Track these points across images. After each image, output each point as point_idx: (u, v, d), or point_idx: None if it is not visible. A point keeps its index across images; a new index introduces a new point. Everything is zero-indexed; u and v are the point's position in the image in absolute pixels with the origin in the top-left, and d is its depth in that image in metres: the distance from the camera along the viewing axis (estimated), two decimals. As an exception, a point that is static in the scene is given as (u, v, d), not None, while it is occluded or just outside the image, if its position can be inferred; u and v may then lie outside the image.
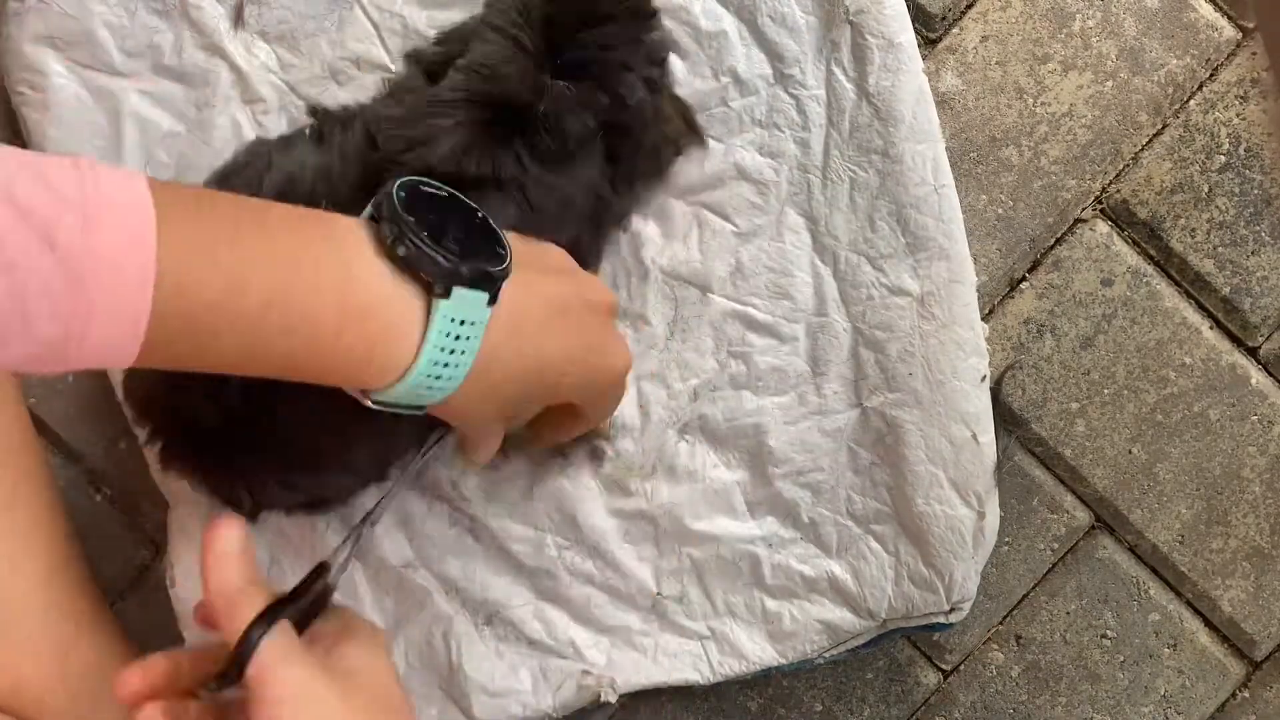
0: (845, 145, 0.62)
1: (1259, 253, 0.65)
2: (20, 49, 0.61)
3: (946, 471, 0.61)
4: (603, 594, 0.63)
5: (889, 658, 0.67)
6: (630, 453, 0.63)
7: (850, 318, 0.62)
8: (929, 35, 0.65)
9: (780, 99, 0.62)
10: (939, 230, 0.61)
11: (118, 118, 0.62)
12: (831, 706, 0.67)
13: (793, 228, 0.62)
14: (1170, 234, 0.65)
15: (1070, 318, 0.66)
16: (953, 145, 0.65)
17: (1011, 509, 0.66)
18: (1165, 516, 0.66)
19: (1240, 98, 0.65)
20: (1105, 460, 0.66)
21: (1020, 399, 0.66)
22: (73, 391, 0.66)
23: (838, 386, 0.62)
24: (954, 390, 0.61)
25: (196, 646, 0.46)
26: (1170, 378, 0.66)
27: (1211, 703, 0.67)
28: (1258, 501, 0.66)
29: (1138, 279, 0.66)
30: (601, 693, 0.62)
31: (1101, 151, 0.65)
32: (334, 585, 0.47)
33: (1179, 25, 0.65)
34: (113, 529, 0.66)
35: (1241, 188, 0.65)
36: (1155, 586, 0.67)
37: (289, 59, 0.62)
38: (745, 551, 0.63)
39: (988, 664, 0.67)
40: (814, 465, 0.62)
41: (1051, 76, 0.65)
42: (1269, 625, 0.66)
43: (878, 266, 0.62)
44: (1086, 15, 0.65)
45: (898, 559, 0.62)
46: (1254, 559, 0.66)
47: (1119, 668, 0.67)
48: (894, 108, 0.61)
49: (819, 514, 0.63)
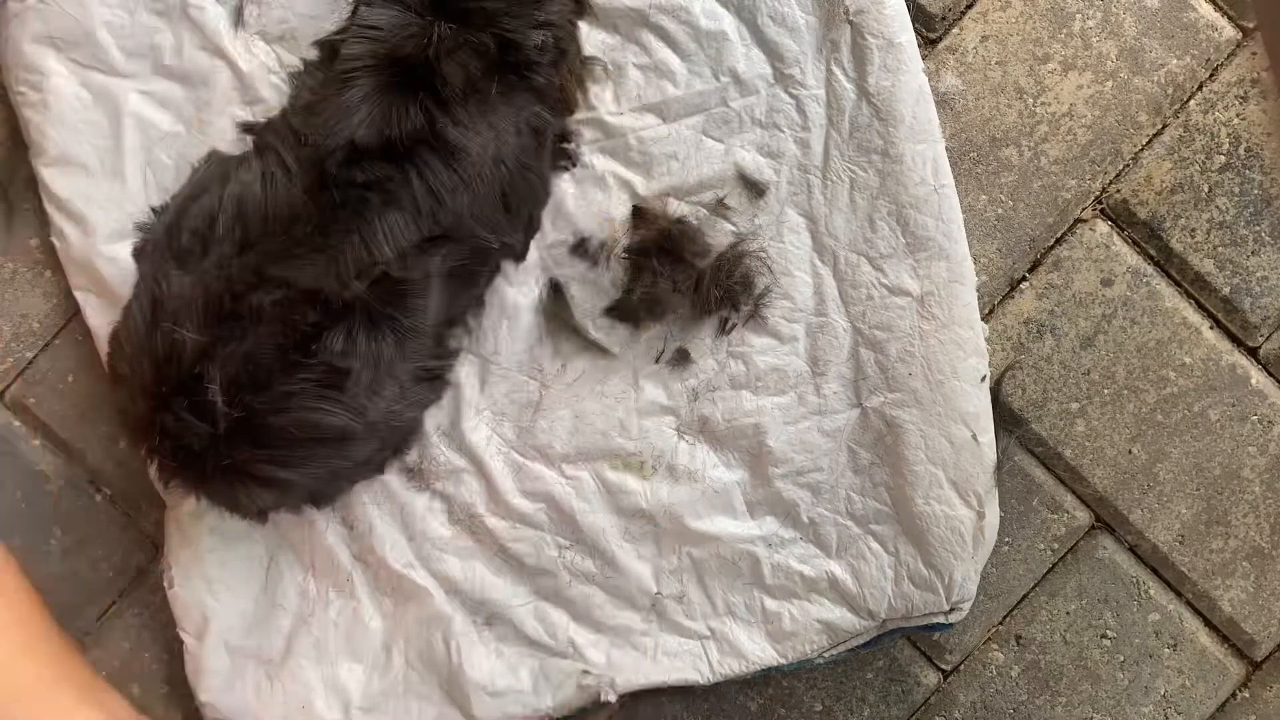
0: (845, 145, 0.62)
1: (1259, 253, 0.65)
2: (20, 49, 0.61)
3: (946, 471, 0.61)
4: (603, 593, 0.63)
5: (889, 658, 0.67)
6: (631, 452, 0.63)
7: (850, 318, 0.62)
8: (929, 35, 0.65)
9: (780, 99, 0.62)
10: (939, 230, 0.61)
11: (118, 118, 0.62)
12: (831, 706, 0.67)
13: (793, 227, 0.62)
14: (1170, 234, 0.65)
15: (1070, 318, 0.66)
16: (953, 145, 0.65)
17: (1011, 509, 0.66)
18: (1165, 516, 0.66)
19: (1240, 98, 0.65)
20: (1105, 460, 0.66)
21: (1020, 399, 0.66)
22: (73, 392, 0.66)
23: (837, 386, 0.62)
24: (954, 390, 0.61)
25: None
26: (1170, 378, 0.66)
27: (1211, 703, 0.67)
28: (1258, 501, 0.66)
29: (1138, 279, 0.66)
30: (601, 693, 0.62)
31: (1101, 151, 0.65)
32: None
33: (1179, 25, 0.65)
34: (113, 529, 0.66)
35: (1241, 188, 0.65)
36: (1155, 586, 0.66)
37: (289, 59, 0.62)
38: (745, 551, 0.63)
39: (988, 664, 0.67)
40: (814, 465, 0.62)
41: (1051, 76, 0.65)
42: (1269, 625, 0.66)
43: (877, 266, 0.62)
44: (1086, 15, 0.65)
45: (898, 559, 0.62)
46: (1254, 559, 0.66)
47: (1119, 668, 0.67)
48: (894, 108, 0.61)
49: (819, 514, 0.63)
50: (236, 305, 0.50)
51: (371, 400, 0.52)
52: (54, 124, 0.62)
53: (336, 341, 0.51)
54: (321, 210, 0.50)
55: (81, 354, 0.65)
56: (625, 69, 0.62)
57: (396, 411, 0.55)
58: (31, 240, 0.65)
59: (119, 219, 0.61)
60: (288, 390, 0.50)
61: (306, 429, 0.51)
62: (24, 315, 0.65)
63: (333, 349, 0.51)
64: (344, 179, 0.50)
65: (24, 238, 0.65)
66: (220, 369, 0.49)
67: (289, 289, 0.50)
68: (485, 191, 0.54)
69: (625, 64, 0.62)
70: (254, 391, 0.50)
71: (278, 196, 0.50)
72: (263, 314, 0.50)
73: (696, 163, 0.62)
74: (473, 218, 0.54)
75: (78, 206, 0.62)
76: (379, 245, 0.50)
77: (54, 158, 0.62)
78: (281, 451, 0.51)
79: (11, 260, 0.65)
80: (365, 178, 0.50)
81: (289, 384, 0.50)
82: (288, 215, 0.50)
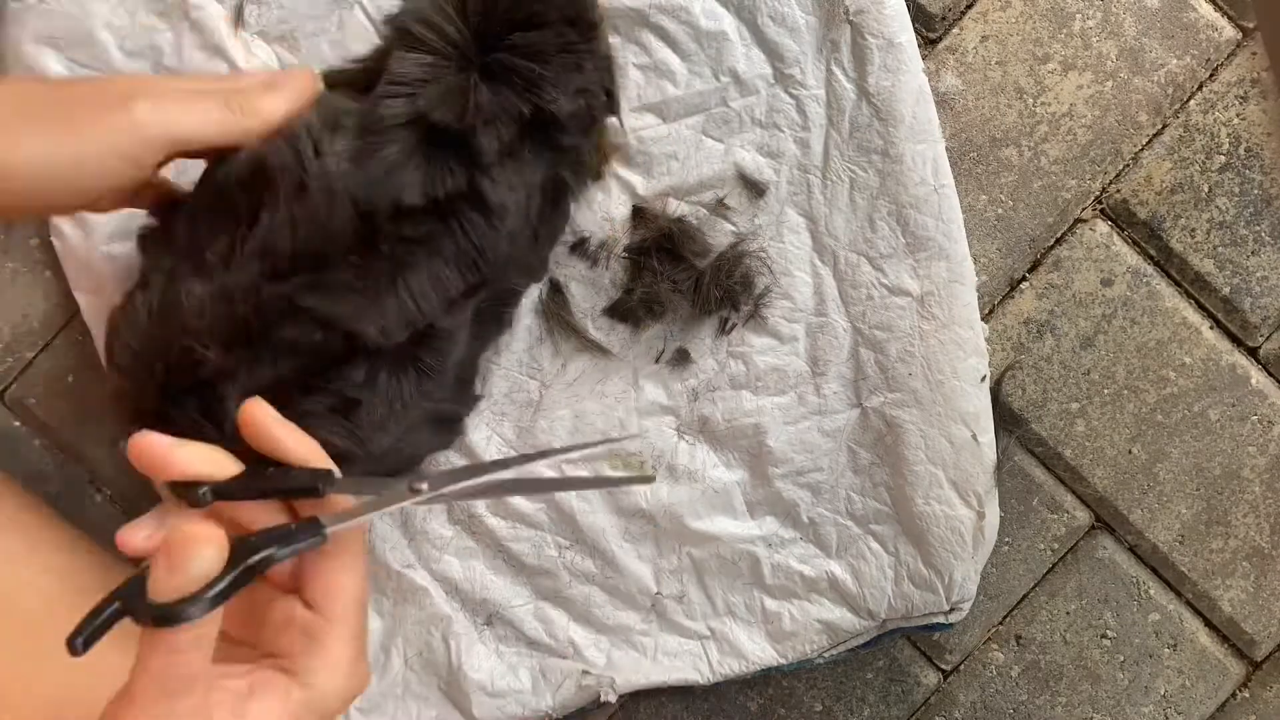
0: (845, 145, 0.62)
1: (1259, 253, 0.65)
2: (20, 49, 0.61)
3: (946, 471, 0.61)
4: (603, 593, 0.63)
5: (889, 658, 0.67)
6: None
7: (850, 318, 0.62)
8: (929, 35, 0.65)
9: (780, 99, 0.62)
10: (939, 230, 0.61)
11: (118, 118, 0.62)
12: (831, 706, 0.67)
13: (793, 227, 0.62)
14: (1170, 234, 0.65)
15: (1070, 318, 0.66)
16: (953, 145, 0.65)
17: (1011, 509, 0.66)
18: (1165, 516, 0.66)
19: (1240, 98, 0.65)
20: (1105, 460, 0.66)
21: (1020, 399, 0.66)
22: (72, 392, 0.66)
23: (837, 386, 0.62)
24: (954, 390, 0.61)
25: None
26: (1170, 378, 0.66)
27: (1211, 703, 0.67)
28: (1258, 501, 0.66)
29: (1138, 279, 0.66)
30: (601, 693, 0.62)
31: (1101, 151, 0.65)
32: None
33: (1179, 25, 0.65)
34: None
35: (1241, 188, 0.65)
36: (1155, 586, 0.66)
37: (289, 59, 0.62)
38: (745, 551, 0.63)
39: (988, 664, 0.67)
40: (814, 465, 0.62)
41: (1051, 76, 0.65)
42: (1269, 625, 0.66)
43: (877, 266, 0.62)
44: (1086, 15, 0.65)
45: (897, 559, 0.62)
46: (1254, 559, 0.66)
47: (1119, 668, 0.67)
48: (894, 108, 0.61)
49: (819, 514, 0.63)
50: (266, 334, 0.49)
51: (376, 435, 0.52)
52: (54, 124, 0.62)
53: (358, 374, 0.51)
54: (366, 255, 0.49)
55: (81, 354, 0.65)
56: (625, 69, 0.62)
57: (400, 449, 0.55)
58: (31, 240, 0.65)
59: (119, 219, 0.61)
60: (302, 410, 0.50)
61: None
62: (24, 315, 0.65)
63: (352, 380, 0.50)
64: (392, 234, 0.49)
65: (24, 238, 0.65)
66: (240, 389, 0.49)
67: (325, 329, 0.49)
68: (522, 242, 0.54)
69: (625, 64, 0.62)
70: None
71: (312, 233, 0.49)
72: (297, 349, 0.49)
73: (696, 163, 0.62)
74: (512, 266, 0.54)
75: (78, 206, 0.62)
76: (428, 300, 0.50)
77: (54, 158, 0.62)
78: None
79: (11, 260, 0.65)
80: (413, 234, 0.49)
81: (304, 404, 0.50)
82: (323, 251, 0.49)
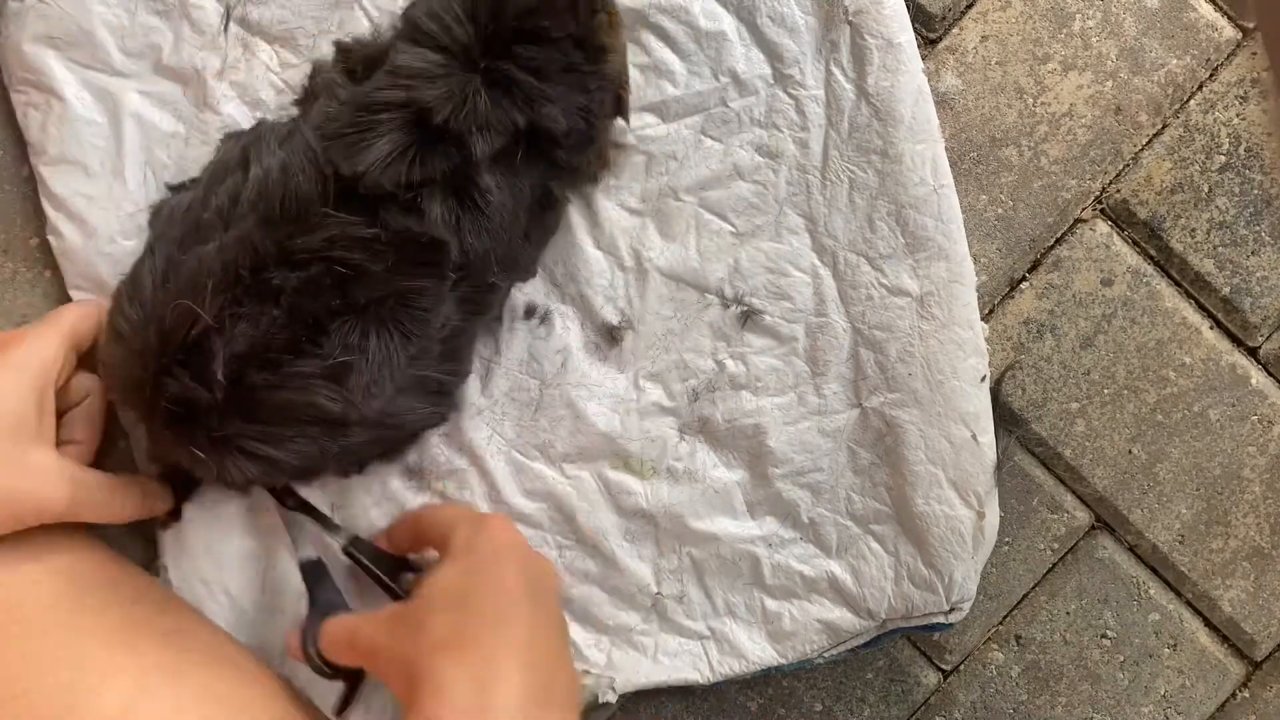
0: (844, 145, 0.62)
1: (1259, 253, 0.65)
2: (20, 49, 0.61)
3: (946, 471, 0.61)
4: (603, 593, 0.63)
5: (889, 658, 0.67)
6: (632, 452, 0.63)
7: (850, 318, 0.62)
8: (929, 35, 0.65)
9: (779, 99, 0.62)
10: (938, 230, 0.61)
11: (118, 118, 0.62)
12: (831, 706, 0.67)
13: (792, 228, 0.62)
14: (1170, 234, 0.65)
15: (1070, 318, 0.66)
16: (953, 145, 0.65)
17: (1011, 509, 0.66)
18: (1165, 516, 0.66)
19: (1240, 98, 0.65)
20: (1105, 460, 0.66)
21: (1020, 399, 0.66)
22: (73, 391, 0.66)
23: (837, 387, 0.62)
24: (954, 390, 0.61)
25: None
26: (1170, 378, 0.66)
27: (1211, 703, 0.67)
28: (1258, 501, 0.66)
29: (1138, 279, 0.66)
30: (601, 693, 0.62)
31: (1101, 151, 0.65)
32: None
33: (1179, 25, 0.65)
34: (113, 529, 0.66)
35: (1241, 188, 0.65)
36: (1155, 586, 0.66)
37: (289, 59, 0.62)
38: (745, 551, 0.63)
39: (988, 664, 0.67)
40: (814, 465, 0.62)
41: (1051, 76, 0.65)
42: (1269, 625, 0.66)
43: (877, 266, 0.62)
44: (1086, 15, 0.65)
45: (897, 559, 0.62)
46: (1254, 559, 0.66)
47: (1119, 668, 0.67)
48: (893, 108, 0.61)
49: (819, 514, 0.63)
50: (256, 278, 0.50)
51: (367, 398, 0.52)
52: (54, 124, 0.62)
53: (352, 335, 0.51)
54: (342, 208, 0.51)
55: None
56: (625, 69, 0.62)
57: (392, 413, 0.55)
58: (31, 240, 0.65)
59: (119, 219, 0.61)
60: (293, 372, 0.50)
61: (300, 409, 0.51)
62: (24, 315, 0.65)
63: (346, 340, 0.51)
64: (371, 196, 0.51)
65: (24, 238, 0.65)
66: (228, 346, 0.49)
67: (313, 264, 0.50)
68: (510, 239, 0.55)
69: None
70: (260, 369, 0.50)
71: (301, 188, 0.50)
72: (283, 294, 0.50)
73: (695, 163, 0.62)
74: (495, 260, 0.55)
75: (77, 206, 0.62)
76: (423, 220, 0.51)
77: (54, 157, 0.62)
78: (274, 428, 0.52)
79: (11, 260, 0.65)
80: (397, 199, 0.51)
81: (296, 366, 0.50)
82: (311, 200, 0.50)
